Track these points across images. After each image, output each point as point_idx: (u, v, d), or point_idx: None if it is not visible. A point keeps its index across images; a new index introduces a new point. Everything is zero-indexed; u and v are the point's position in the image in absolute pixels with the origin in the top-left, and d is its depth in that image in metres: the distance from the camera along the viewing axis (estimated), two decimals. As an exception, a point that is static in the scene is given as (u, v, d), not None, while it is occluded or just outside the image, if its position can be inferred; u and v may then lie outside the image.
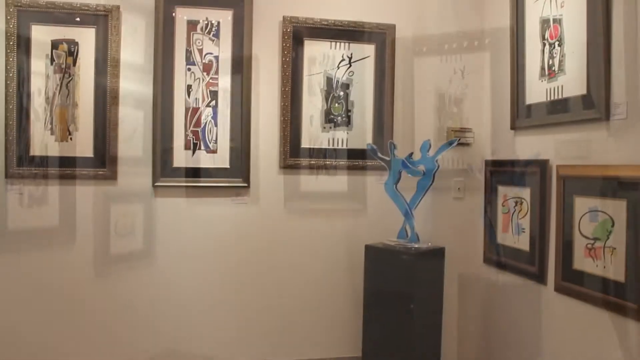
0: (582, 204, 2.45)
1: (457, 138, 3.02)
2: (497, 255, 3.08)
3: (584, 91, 2.44)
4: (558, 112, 2.61)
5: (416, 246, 3.02)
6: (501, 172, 3.06)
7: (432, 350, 3.11)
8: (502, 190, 3.05)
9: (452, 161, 3.22)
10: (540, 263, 2.71)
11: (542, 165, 2.70)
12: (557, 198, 2.59)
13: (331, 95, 3.38)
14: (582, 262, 2.45)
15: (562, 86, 2.59)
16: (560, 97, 2.60)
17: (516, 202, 2.92)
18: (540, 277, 2.72)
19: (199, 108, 3.23)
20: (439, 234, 3.23)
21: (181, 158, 3.21)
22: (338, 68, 3.38)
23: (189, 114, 3.22)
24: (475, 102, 3.27)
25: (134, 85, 3.15)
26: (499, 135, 3.10)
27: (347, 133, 3.40)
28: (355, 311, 3.38)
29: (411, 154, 3.13)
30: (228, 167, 3.25)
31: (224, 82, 3.25)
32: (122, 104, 3.13)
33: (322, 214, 3.36)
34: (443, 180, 3.19)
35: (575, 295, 2.47)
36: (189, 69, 3.21)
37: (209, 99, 3.24)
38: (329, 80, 3.37)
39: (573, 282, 2.49)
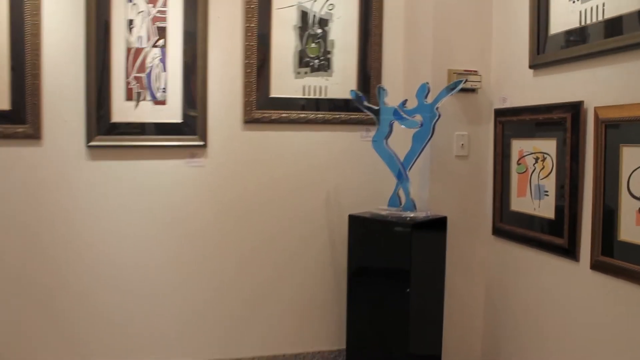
0: (633, 156, 1.80)
1: (463, 79, 2.34)
2: (511, 226, 2.43)
3: (635, 6, 1.78)
4: (597, 38, 1.95)
5: (412, 215, 2.36)
6: (516, 122, 2.39)
7: (432, 343, 2.47)
8: (517, 144, 2.39)
9: (454, 112, 2.55)
10: (571, 234, 2.07)
11: (574, 109, 2.04)
12: (596, 150, 1.94)
13: (307, 33, 2.69)
14: (631, 231, 1.80)
15: (603, 4, 1.92)
16: (600, 19, 1.94)
17: (536, 159, 2.27)
18: (570, 252, 2.08)
19: (143, 48, 2.53)
20: (439, 200, 2.57)
21: (122, 111, 2.52)
22: (315, 0, 2.68)
23: (131, 56, 2.52)
24: (482, 38, 2.59)
25: (60, 20, 2.44)
26: (513, 77, 2.43)
27: (327, 79, 2.72)
28: (339, 296, 2.74)
29: (405, 101, 2.46)
30: (180, 121, 2.57)
31: (175, 16, 2.55)
32: (45, 45, 2.42)
33: (295, 178, 2.70)
34: (443, 135, 2.52)
35: (622, 274, 1.83)
36: (130, 0, 2.50)
37: (156, 37, 2.54)
38: (303, 15, 2.68)
39: (618, 258, 1.85)
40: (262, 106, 2.64)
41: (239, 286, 2.66)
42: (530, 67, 2.29)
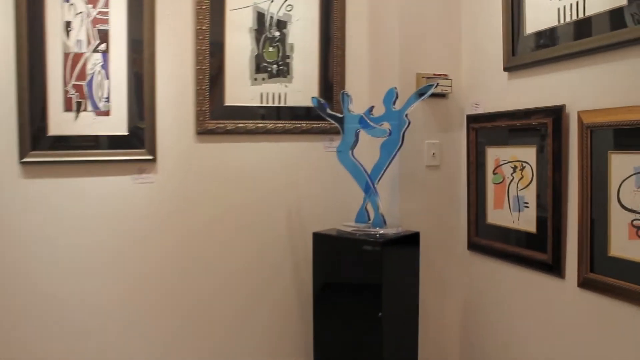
0: (623, 163, 1.64)
1: (434, 83, 2.16)
2: (489, 240, 2.26)
3: (621, 1, 1.63)
4: (579, 37, 1.80)
5: (382, 232, 2.16)
6: (491, 129, 2.22)
7: (406, 368, 2.28)
8: (492, 153, 2.22)
9: (424, 119, 2.38)
10: (556, 249, 1.90)
11: (555, 114, 1.87)
12: (581, 157, 1.77)
13: (263, 36, 2.47)
14: (623, 246, 1.64)
15: (583, 0, 1.77)
16: (581, 16, 1.78)
17: (514, 168, 2.10)
18: (555, 268, 1.91)
19: (82, 54, 2.26)
20: (411, 214, 2.38)
21: (60, 123, 2.23)
22: (272, 0, 2.47)
23: (69, 61, 2.25)
24: (451, 39, 2.42)
25: (-14, 22, 2.16)
26: (486, 81, 2.27)
27: (286, 86, 2.51)
28: (303, 321, 2.52)
29: (371, 108, 2.26)
30: (126, 133, 2.30)
31: (118, 19, 2.29)
32: (-32, 48, 2.14)
33: (254, 194, 2.46)
34: (413, 144, 2.34)
35: (613, 292, 1.67)
36: (67, 0, 2.24)
37: (97, 41, 2.27)
38: (260, 17, 2.46)
39: (609, 275, 1.69)
40: (216, 116, 2.40)
41: (194, 315, 2.41)
42: (505, 69, 2.13)
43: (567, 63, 1.85)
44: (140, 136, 2.31)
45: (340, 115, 2.29)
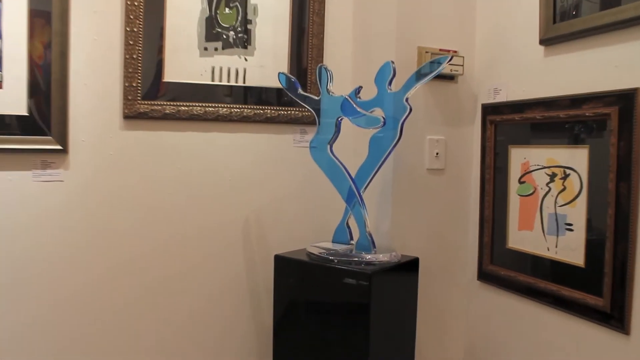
0: None
1: (449, 56, 1.56)
2: (508, 270, 1.67)
3: None
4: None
5: (369, 257, 1.55)
6: (518, 122, 1.63)
7: None
8: (518, 154, 1.63)
9: (425, 109, 1.78)
10: (617, 291, 1.31)
11: (623, 101, 1.29)
12: (666, 163, 1.20)
13: (218, -8, 1.84)
14: None
15: None
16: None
17: (552, 176, 1.51)
18: (614, 319, 1.32)
19: (-35, 4, 1.61)
20: (405, 231, 1.78)
21: None
22: (230, -54, 1.84)
23: (-55, 14, 1.60)
24: (463, 4, 1.84)
25: None
26: (512, 59, 1.67)
27: (246, 59, 1.88)
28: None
29: (358, 89, 1.65)
30: (25, 114, 1.65)
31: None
32: None
33: (199, 201, 1.83)
34: (411, 141, 1.74)
35: None
36: None
37: (-14, -13, 1.63)
38: (213, -34, 1.83)
39: None
40: (151, 95, 1.76)
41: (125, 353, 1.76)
42: (542, 42, 1.54)
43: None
44: (45, 118, 1.65)
45: (317, 98, 1.68)
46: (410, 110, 1.54)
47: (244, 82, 1.87)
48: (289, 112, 1.91)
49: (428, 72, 1.53)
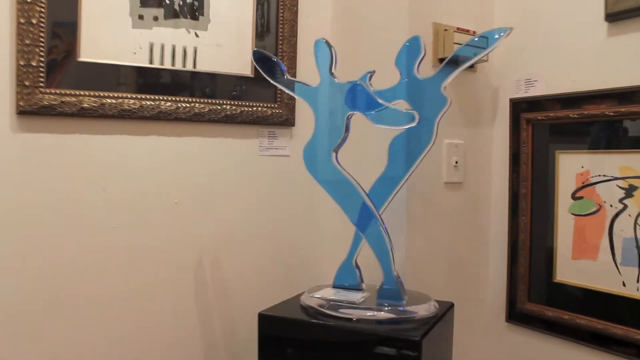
0: None
1: (508, 28, 1.13)
2: (558, 309, 1.27)
3: None
4: None
5: (404, 311, 1.07)
6: (574, 121, 1.25)
7: None
8: (572, 162, 1.24)
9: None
10: None
11: None
12: None
13: (157, -61, 1.29)
14: None
15: None
16: None
17: (628, 190, 1.14)
18: None
19: None
20: (419, 264, 1.33)
21: None
22: None
23: None
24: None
25: None
26: (557, 41, 1.28)
27: (197, 35, 1.33)
28: None
29: (370, 73, 1.18)
30: None
31: None
32: None
33: (133, 233, 1.25)
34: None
35: None
36: None
37: None
38: None
39: None
40: (61, 80, 1.17)
41: None
42: (608, 17, 1.17)
43: None
44: None
45: (313, 86, 1.18)
46: (450, 103, 1.10)
47: (195, 66, 1.32)
48: (254, 108, 1.39)
49: (477, 50, 1.09)
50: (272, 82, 1.19)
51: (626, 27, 1.15)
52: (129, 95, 1.23)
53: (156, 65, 1.27)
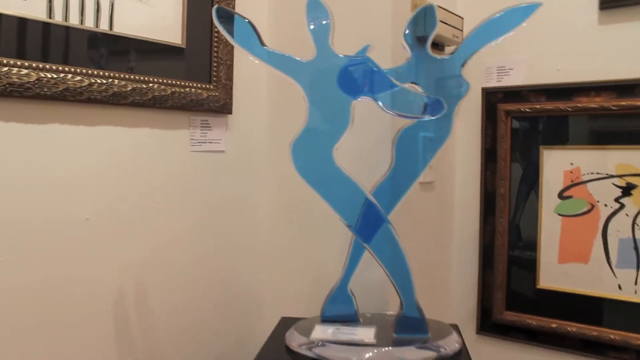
0: None
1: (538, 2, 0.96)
2: (544, 317, 1.16)
3: None
4: None
5: (429, 348, 0.85)
6: (563, 114, 1.12)
7: None
8: (560, 158, 1.12)
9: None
10: None
11: None
12: None
13: None
14: None
15: None
16: None
17: (626, 189, 1.06)
18: None
19: None
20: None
21: None
22: None
23: None
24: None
25: None
26: (538, 26, 1.12)
27: (123, -17, 0.95)
28: None
29: (364, 48, 0.92)
30: None
31: None
32: None
33: (27, 264, 0.85)
34: (384, 141, 1.09)
35: None
36: None
37: None
38: None
39: None
40: None
41: None
42: (602, 4, 1.07)
43: None
44: None
45: (303, 61, 0.88)
46: (469, 87, 0.90)
47: (111, 28, 0.93)
48: (187, 89, 1.04)
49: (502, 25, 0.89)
50: (249, 54, 0.86)
51: (622, 15, 1.07)
52: (17, 62, 0.81)
53: (58, 21, 0.86)
